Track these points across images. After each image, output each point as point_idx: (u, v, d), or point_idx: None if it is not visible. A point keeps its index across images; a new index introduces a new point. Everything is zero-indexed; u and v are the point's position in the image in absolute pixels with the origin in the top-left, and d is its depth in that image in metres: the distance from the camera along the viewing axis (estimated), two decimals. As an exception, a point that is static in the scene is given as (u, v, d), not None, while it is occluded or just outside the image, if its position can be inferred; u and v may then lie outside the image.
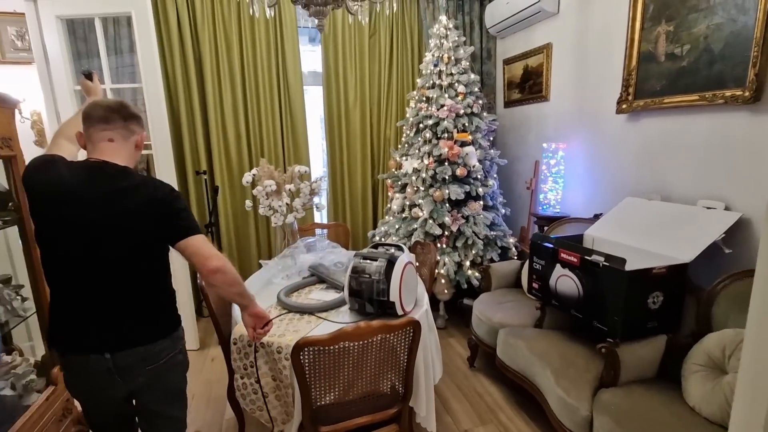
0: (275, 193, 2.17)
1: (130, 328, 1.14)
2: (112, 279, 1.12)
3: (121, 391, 1.17)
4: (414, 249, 2.39)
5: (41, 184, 1.10)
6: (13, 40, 2.90)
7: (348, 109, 3.44)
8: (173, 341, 1.23)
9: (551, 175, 2.91)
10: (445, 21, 2.92)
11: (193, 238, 1.14)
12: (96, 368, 1.12)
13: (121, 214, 1.09)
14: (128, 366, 1.14)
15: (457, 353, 2.71)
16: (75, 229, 1.08)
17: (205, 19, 3.00)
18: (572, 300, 1.86)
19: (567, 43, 2.83)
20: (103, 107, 1.15)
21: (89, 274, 1.10)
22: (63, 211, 1.08)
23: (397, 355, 1.45)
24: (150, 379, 1.18)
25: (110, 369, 1.12)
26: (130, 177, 1.14)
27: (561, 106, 2.94)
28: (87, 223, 1.07)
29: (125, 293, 1.14)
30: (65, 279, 1.12)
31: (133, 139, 1.20)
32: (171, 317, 1.26)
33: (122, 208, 1.09)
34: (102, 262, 1.10)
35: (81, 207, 1.07)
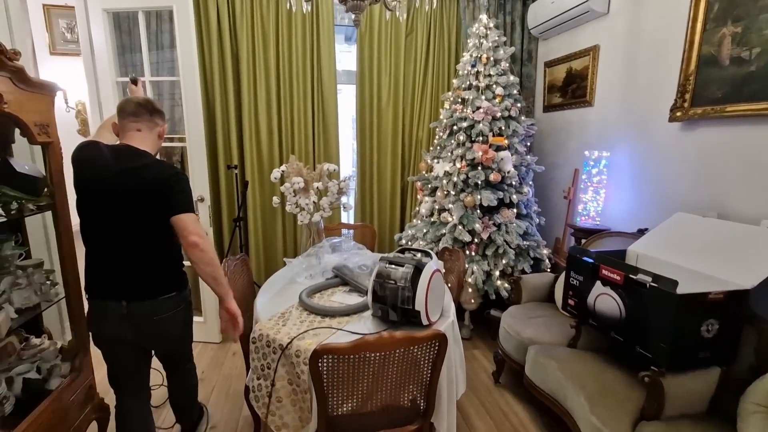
0: (303, 191, 2.14)
1: (142, 282, 1.42)
2: (127, 240, 1.40)
3: (131, 337, 1.45)
4: (442, 255, 2.29)
5: (83, 161, 1.40)
6: (63, 32, 3.02)
7: (380, 109, 3.38)
8: (176, 300, 1.49)
9: (592, 184, 2.74)
10: (486, 20, 2.81)
11: (184, 215, 1.38)
12: (113, 313, 1.41)
13: (133, 187, 1.37)
14: (139, 315, 1.42)
15: (481, 367, 2.59)
16: (102, 196, 1.38)
17: (244, 15, 3.02)
18: (612, 321, 1.72)
19: (616, 45, 2.65)
20: (133, 103, 1.45)
21: (111, 234, 1.40)
22: (95, 182, 1.38)
23: (420, 369, 1.37)
24: (157, 329, 1.47)
25: (124, 315, 1.41)
26: (145, 158, 1.42)
27: (606, 111, 2.77)
28: (110, 192, 1.37)
29: (137, 253, 1.42)
30: (96, 238, 1.42)
31: (156, 130, 1.50)
32: (175, 279, 1.51)
33: (134, 182, 1.37)
34: (119, 226, 1.39)
35: (107, 180, 1.36)
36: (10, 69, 1.23)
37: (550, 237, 3.20)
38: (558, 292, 2.41)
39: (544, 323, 2.21)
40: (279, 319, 1.63)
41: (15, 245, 1.56)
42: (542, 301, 2.54)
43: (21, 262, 1.55)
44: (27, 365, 1.47)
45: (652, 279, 1.54)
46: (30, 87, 1.33)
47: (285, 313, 1.69)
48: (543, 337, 2.10)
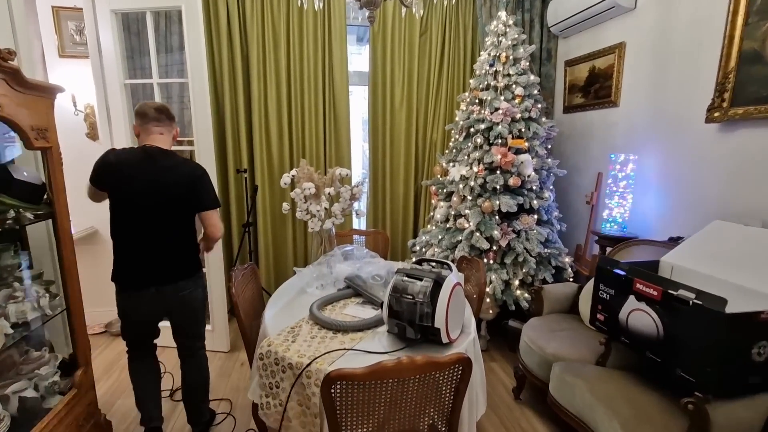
0: (314, 197, 2.04)
1: (169, 269, 1.70)
2: (160, 228, 1.66)
3: (157, 311, 1.74)
4: (459, 265, 2.17)
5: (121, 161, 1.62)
6: (72, 34, 2.98)
7: (393, 111, 3.28)
8: (195, 280, 1.78)
9: (618, 189, 2.59)
10: (505, 17, 2.69)
11: (213, 211, 1.72)
12: (144, 298, 1.67)
13: (169, 183, 1.63)
14: (166, 294, 1.69)
15: (500, 381, 2.46)
16: (141, 189, 1.61)
17: (254, 14, 2.95)
18: (648, 340, 1.58)
19: (644, 42, 2.51)
20: (153, 108, 1.69)
21: (146, 225, 1.63)
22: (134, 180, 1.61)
23: (441, 393, 1.25)
24: (179, 304, 1.75)
25: (153, 296, 1.67)
26: (175, 157, 1.69)
27: (633, 112, 2.62)
28: (148, 186, 1.61)
29: (166, 244, 1.68)
30: (130, 230, 1.64)
31: (172, 133, 1.76)
32: (194, 263, 1.80)
33: (167, 179, 1.63)
34: (154, 217, 1.63)
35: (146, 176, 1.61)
36: (4, 70, 1.16)
37: (571, 244, 3.06)
38: (583, 304, 2.28)
39: (568, 338, 2.08)
40: (288, 335, 1.53)
41: (14, 255, 1.49)
42: (565, 312, 2.40)
43: (20, 273, 1.48)
44: (24, 382, 1.39)
45: (695, 296, 1.40)
46: (27, 89, 1.26)
47: (295, 327, 1.59)
48: (568, 353, 1.96)
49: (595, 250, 2.79)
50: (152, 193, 1.61)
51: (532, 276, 2.62)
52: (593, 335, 2.01)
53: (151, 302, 1.68)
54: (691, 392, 1.39)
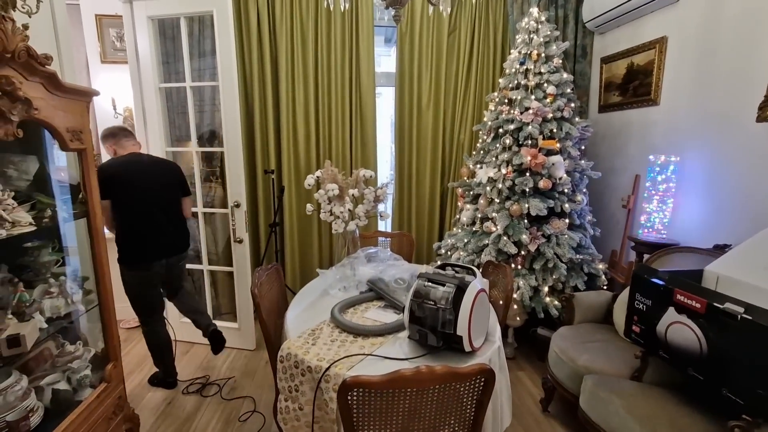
0: (338, 198, 2.03)
1: (174, 243, 2.27)
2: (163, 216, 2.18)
3: (163, 275, 2.23)
4: (485, 270, 2.11)
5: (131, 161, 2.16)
6: (113, 41, 3.12)
7: (420, 111, 3.23)
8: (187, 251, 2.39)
9: (657, 192, 2.44)
10: (537, 13, 2.59)
11: (188, 198, 2.38)
12: (155, 269, 2.17)
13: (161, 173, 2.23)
14: (173, 263, 2.26)
15: (527, 391, 2.37)
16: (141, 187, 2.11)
17: (283, 16, 2.99)
18: (690, 356, 1.47)
19: (688, 36, 2.35)
20: (119, 128, 2.28)
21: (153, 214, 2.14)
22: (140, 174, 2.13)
23: (463, 404, 1.20)
24: (180, 271, 2.38)
25: (163, 266, 2.20)
26: (154, 158, 2.33)
27: (675, 111, 2.46)
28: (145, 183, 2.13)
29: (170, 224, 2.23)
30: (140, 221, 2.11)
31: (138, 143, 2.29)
32: (188, 236, 2.38)
33: (157, 172, 2.21)
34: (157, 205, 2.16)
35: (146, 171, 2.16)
36: (41, 74, 1.21)
37: (605, 250, 2.91)
38: (617, 314, 2.15)
39: (602, 349, 1.97)
40: (309, 337, 1.52)
41: (52, 252, 1.56)
42: (598, 322, 2.28)
43: (56, 269, 1.55)
44: (57, 375, 1.45)
45: (744, 310, 1.29)
46: (63, 93, 1.31)
47: (315, 330, 1.59)
48: (601, 366, 1.86)
49: (631, 256, 2.65)
50: (152, 184, 2.13)
51: (562, 283, 2.51)
52: (628, 348, 1.90)
53: (160, 270, 2.18)
54: (738, 415, 1.28)
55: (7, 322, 1.27)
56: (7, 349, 1.21)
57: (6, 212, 1.23)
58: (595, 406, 1.71)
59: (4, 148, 1.35)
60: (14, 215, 1.25)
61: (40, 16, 1.61)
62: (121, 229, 2.10)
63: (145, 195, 2.11)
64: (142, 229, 2.12)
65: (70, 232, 1.63)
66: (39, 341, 1.33)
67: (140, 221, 2.11)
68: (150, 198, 2.13)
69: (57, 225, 1.51)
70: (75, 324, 1.65)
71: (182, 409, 2.22)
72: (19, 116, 1.14)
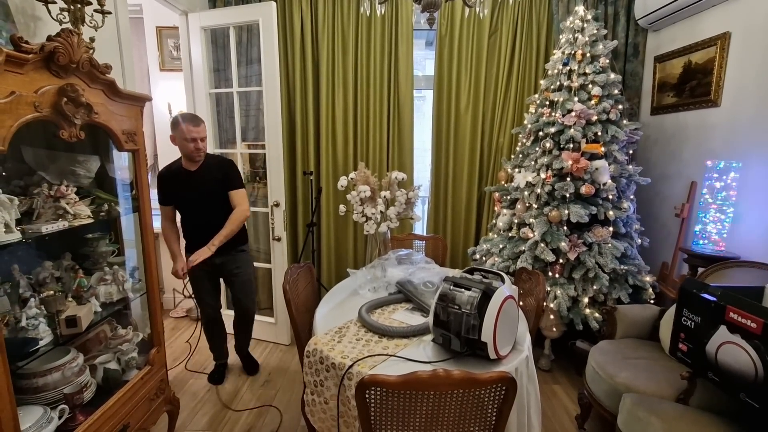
0: (369, 200, 2.06)
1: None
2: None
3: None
4: (518, 277, 2.05)
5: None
6: (171, 51, 3.37)
7: (458, 115, 3.20)
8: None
9: (715, 201, 2.25)
10: (582, 12, 2.49)
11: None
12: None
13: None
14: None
15: (563, 406, 2.26)
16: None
17: (325, 22, 3.08)
18: (743, 379, 1.34)
19: (754, 32, 2.15)
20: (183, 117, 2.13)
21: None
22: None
23: (485, 411, 1.18)
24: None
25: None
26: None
27: (738, 112, 2.26)
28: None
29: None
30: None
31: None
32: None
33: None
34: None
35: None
36: (102, 82, 1.34)
37: (655, 262, 2.72)
38: (664, 330, 2.01)
39: (644, 367, 1.84)
40: (335, 335, 1.56)
41: (108, 243, 1.71)
42: (642, 338, 2.13)
43: (112, 259, 1.70)
44: (109, 355, 1.59)
45: (808, 333, 1.16)
46: (120, 98, 1.44)
47: (342, 328, 1.62)
48: (643, 385, 1.74)
49: (684, 269, 2.46)
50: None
51: (604, 294, 2.38)
52: (674, 367, 1.76)
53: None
54: (798, 449, 1.15)
55: (67, 304, 1.42)
56: (66, 328, 1.34)
57: (69, 205, 1.37)
58: (633, 426, 1.60)
59: (71, 148, 1.51)
60: (76, 208, 1.39)
61: (106, 30, 1.78)
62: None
63: (190, 198, 2.21)
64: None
65: (125, 226, 1.79)
66: (93, 324, 1.46)
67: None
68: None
69: (113, 218, 1.66)
70: (127, 310, 1.80)
71: (221, 397, 2.34)
72: (81, 120, 1.27)
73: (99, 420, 1.37)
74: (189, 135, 2.06)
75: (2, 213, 1.14)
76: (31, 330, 1.26)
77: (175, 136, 2.10)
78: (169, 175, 2.21)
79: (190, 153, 2.11)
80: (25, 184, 1.39)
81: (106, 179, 1.63)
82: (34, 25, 1.54)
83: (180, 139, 2.08)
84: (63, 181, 1.42)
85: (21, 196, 1.32)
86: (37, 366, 1.33)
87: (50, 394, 1.34)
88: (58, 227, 1.32)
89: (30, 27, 1.52)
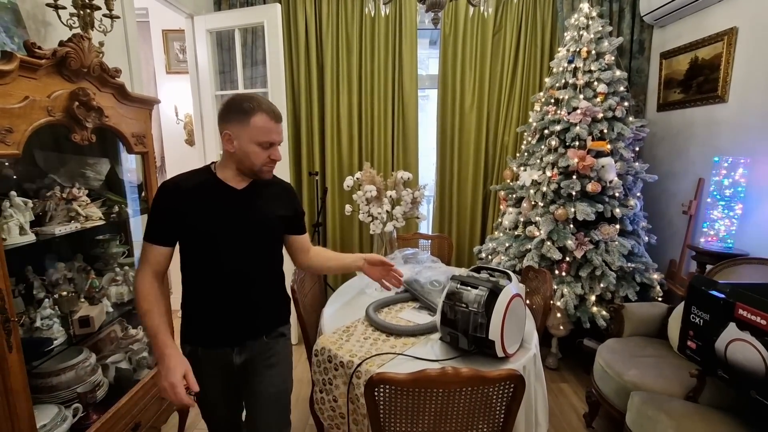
0: (375, 200, 2.07)
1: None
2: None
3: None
4: (525, 275, 2.05)
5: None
6: (177, 53, 3.40)
7: (463, 113, 3.20)
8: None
9: (723, 198, 2.24)
10: (587, 8, 2.48)
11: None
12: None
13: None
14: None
15: (570, 405, 2.26)
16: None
17: (330, 24, 3.09)
18: (753, 377, 1.33)
19: (762, 26, 2.14)
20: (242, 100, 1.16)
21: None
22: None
23: (493, 408, 1.18)
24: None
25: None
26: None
27: (746, 108, 2.24)
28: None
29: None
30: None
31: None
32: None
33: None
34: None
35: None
36: (112, 86, 1.36)
37: (663, 259, 2.70)
38: (673, 328, 2.00)
39: (652, 365, 1.84)
40: (343, 334, 1.57)
41: (119, 244, 1.74)
42: (650, 336, 2.13)
43: (122, 260, 1.72)
44: (120, 355, 1.62)
45: (818, 329, 1.15)
46: (130, 102, 1.47)
47: (350, 327, 1.63)
48: (651, 383, 1.74)
49: (692, 267, 2.44)
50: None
51: (611, 292, 2.37)
52: (683, 365, 1.76)
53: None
54: (810, 447, 1.15)
55: (80, 304, 1.44)
56: (79, 328, 1.37)
57: (81, 207, 1.39)
58: (642, 425, 1.60)
59: (82, 151, 1.53)
60: (87, 210, 1.41)
61: (114, 34, 1.81)
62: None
63: (228, 230, 1.18)
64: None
65: (134, 227, 1.81)
66: (105, 324, 1.48)
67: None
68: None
69: (123, 220, 1.68)
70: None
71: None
72: (93, 123, 1.29)
73: (112, 419, 1.40)
74: (267, 136, 1.14)
75: (17, 215, 1.17)
76: (46, 330, 1.28)
77: (233, 134, 1.13)
78: (187, 190, 1.16)
79: (260, 166, 1.17)
80: (37, 187, 1.42)
81: (115, 181, 1.65)
82: (45, 31, 1.57)
83: (247, 139, 1.12)
84: (74, 183, 1.44)
85: (34, 198, 1.35)
86: (51, 365, 1.36)
87: (64, 393, 1.37)
88: (71, 229, 1.35)
89: (41, 32, 1.55)
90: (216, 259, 1.18)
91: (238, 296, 1.22)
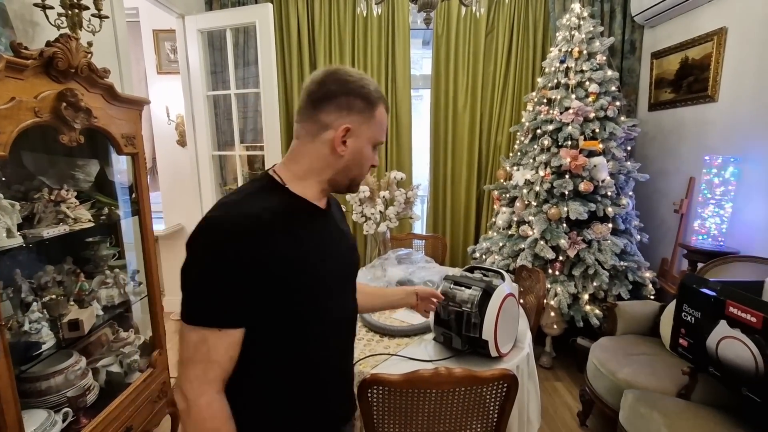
0: (368, 200, 2.07)
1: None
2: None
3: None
4: (518, 274, 2.05)
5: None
6: (168, 53, 3.37)
7: (456, 114, 3.21)
8: None
9: (714, 196, 2.26)
10: (579, 9, 2.49)
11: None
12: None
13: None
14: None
15: (564, 404, 2.27)
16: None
17: (322, 24, 3.08)
18: (744, 374, 1.35)
19: (751, 26, 2.16)
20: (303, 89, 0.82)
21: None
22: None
23: (487, 408, 1.18)
24: None
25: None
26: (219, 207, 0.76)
27: (736, 107, 2.27)
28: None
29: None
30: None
31: (322, 136, 0.78)
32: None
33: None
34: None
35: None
36: (101, 86, 1.34)
37: (655, 258, 2.73)
38: (665, 326, 2.01)
39: (645, 363, 1.85)
40: (337, 335, 1.57)
41: (109, 246, 1.72)
42: (643, 334, 2.14)
43: (112, 263, 1.70)
44: (111, 358, 1.60)
45: (807, 326, 1.17)
46: (119, 102, 1.45)
47: (343, 328, 1.62)
48: (644, 381, 1.75)
49: (683, 265, 2.46)
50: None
51: (604, 291, 2.38)
52: (675, 363, 1.77)
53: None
54: (799, 442, 1.16)
55: (69, 308, 1.42)
56: (68, 332, 1.35)
57: (69, 209, 1.37)
58: (635, 422, 1.61)
59: (71, 152, 1.51)
60: (76, 212, 1.40)
61: (103, 34, 1.79)
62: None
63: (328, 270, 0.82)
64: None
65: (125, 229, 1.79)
66: (95, 327, 1.46)
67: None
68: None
69: (114, 222, 1.66)
70: (129, 313, 1.80)
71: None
72: (81, 124, 1.27)
73: (102, 423, 1.38)
74: (383, 135, 0.88)
75: (4, 218, 1.15)
76: (34, 334, 1.26)
77: (354, 129, 0.80)
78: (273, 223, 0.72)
79: (360, 172, 0.85)
80: (25, 189, 1.40)
81: (105, 183, 1.63)
82: (33, 31, 1.54)
83: (366, 138, 0.82)
84: (63, 185, 1.42)
85: (22, 200, 1.32)
86: (40, 370, 1.33)
87: (53, 398, 1.35)
88: (59, 231, 1.33)
89: (28, 33, 1.53)
90: (325, 312, 0.80)
91: (343, 357, 0.90)
